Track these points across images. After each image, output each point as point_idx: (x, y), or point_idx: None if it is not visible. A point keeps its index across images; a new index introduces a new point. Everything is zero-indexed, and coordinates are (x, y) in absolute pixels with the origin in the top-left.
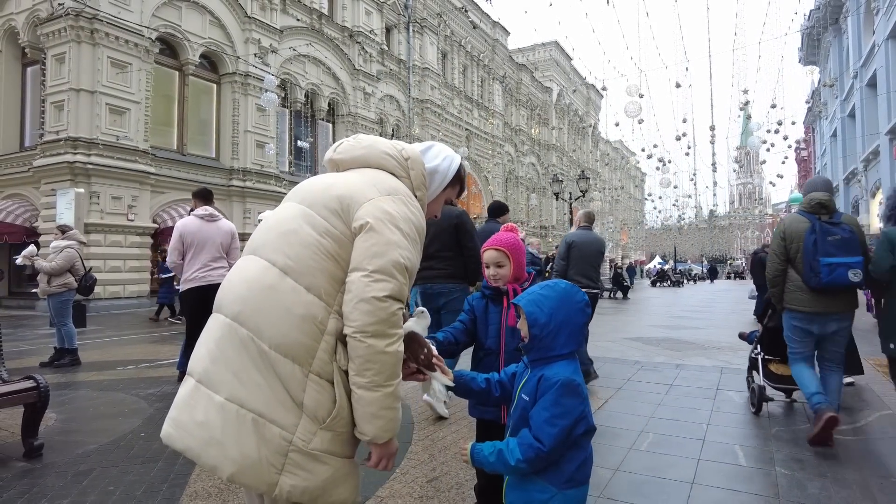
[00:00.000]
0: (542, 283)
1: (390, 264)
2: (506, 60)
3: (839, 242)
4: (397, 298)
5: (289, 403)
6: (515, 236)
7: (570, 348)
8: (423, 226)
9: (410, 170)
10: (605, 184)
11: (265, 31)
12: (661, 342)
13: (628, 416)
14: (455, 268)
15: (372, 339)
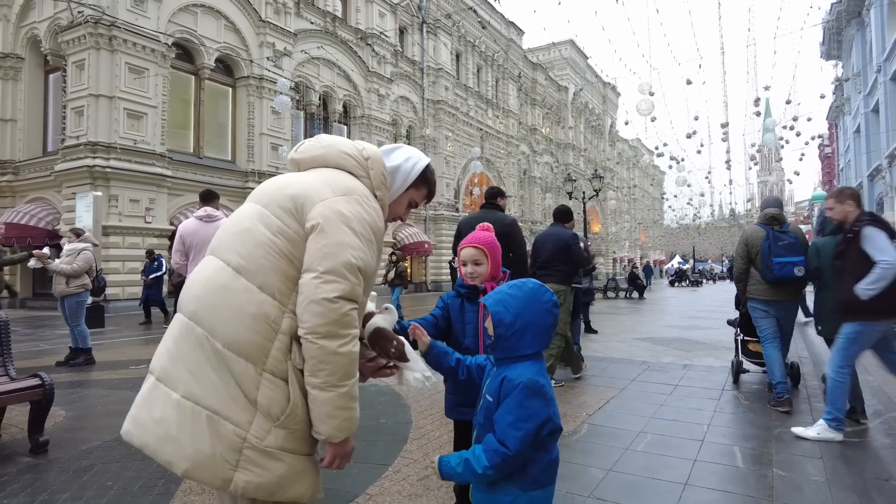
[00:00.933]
0: (511, 283)
1: (341, 265)
2: (520, 60)
3: (787, 246)
4: (349, 299)
5: (243, 401)
6: (493, 235)
7: (535, 349)
8: (379, 226)
9: (370, 169)
10: (623, 182)
11: (279, 34)
12: (671, 342)
13: (629, 416)
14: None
15: (324, 339)
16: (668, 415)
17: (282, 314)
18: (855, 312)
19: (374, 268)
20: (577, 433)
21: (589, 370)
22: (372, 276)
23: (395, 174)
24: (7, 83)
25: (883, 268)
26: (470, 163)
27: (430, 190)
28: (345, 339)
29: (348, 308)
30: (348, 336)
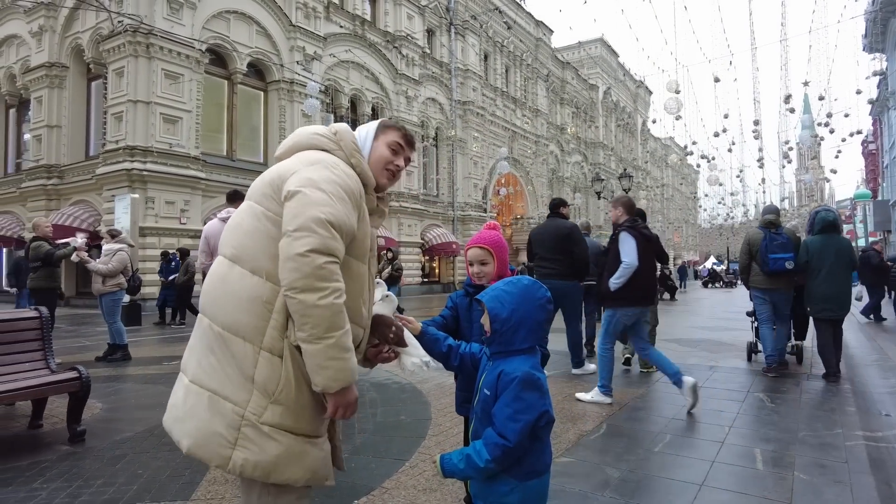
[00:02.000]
0: (507, 280)
1: (310, 220)
2: (549, 59)
3: (780, 245)
4: (322, 252)
5: (241, 380)
6: (499, 234)
7: (530, 343)
8: (352, 187)
9: (340, 141)
10: (655, 181)
11: (309, 38)
12: (698, 344)
13: (649, 417)
14: (564, 267)
15: (301, 294)
16: (689, 416)
17: (275, 294)
18: (607, 300)
19: (350, 224)
20: (596, 433)
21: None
22: (350, 233)
23: (362, 139)
24: (53, 91)
25: (623, 267)
26: (497, 163)
27: (398, 128)
28: (324, 292)
29: (322, 261)
30: (327, 289)
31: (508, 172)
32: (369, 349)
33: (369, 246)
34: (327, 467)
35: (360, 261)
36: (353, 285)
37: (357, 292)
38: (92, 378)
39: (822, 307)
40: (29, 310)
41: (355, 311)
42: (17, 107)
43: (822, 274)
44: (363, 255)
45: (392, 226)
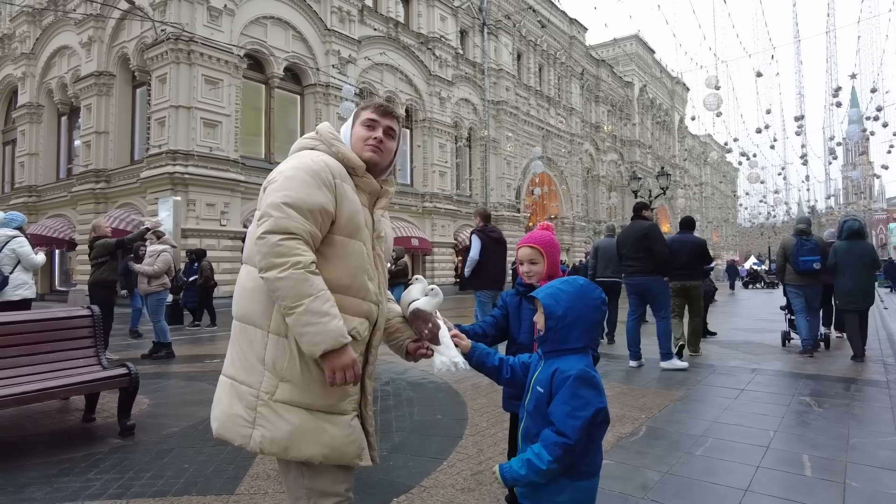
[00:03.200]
0: (562, 279)
1: (267, 206)
2: (583, 57)
3: (809, 249)
4: (276, 231)
5: (255, 363)
6: (551, 234)
7: (584, 343)
8: (318, 168)
9: (321, 135)
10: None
11: (344, 42)
12: (739, 345)
13: (690, 420)
14: (646, 264)
15: (266, 272)
16: (732, 419)
17: None
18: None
19: (315, 202)
20: (635, 435)
21: (651, 373)
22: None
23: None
24: (101, 98)
25: (469, 260)
26: (531, 162)
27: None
28: (282, 267)
29: (277, 238)
30: (286, 263)
31: (542, 172)
32: (410, 343)
33: (361, 223)
34: (355, 445)
35: (353, 238)
36: (349, 262)
37: (356, 268)
38: (141, 374)
39: (848, 300)
40: (82, 308)
41: (357, 287)
42: (68, 115)
43: (847, 273)
44: (354, 232)
45: (426, 226)
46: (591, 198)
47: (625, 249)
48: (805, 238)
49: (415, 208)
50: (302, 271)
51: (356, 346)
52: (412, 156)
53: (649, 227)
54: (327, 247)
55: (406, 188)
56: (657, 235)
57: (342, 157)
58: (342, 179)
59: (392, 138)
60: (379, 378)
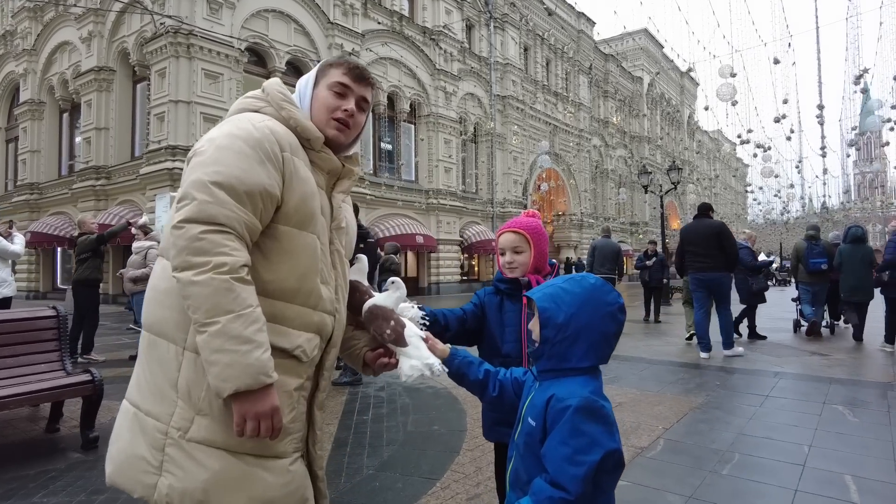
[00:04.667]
0: (567, 276)
1: (191, 186)
2: (592, 51)
3: (818, 253)
4: (198, 220)
5: (165, 388)
6: (538, 222)
7: (591, 362)
8: (261, 138)
9: (268, 94)
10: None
11: (347, 35)
12: (757, 346)
13: (712, 431)
14: (717, 261)
15: (178, 272)
16: (760, 431)
17: None
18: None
19: (256, 182)
20: (652, 450)
21: (665, 375)
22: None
23: (301, 88)
24: (101, 94)
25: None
26: (538, 157)
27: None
28: (200, 268)
29: (198, 230)
30: (206, 264)
31: (549, 167)
32: (368, 353)
33: (314, 210)
34: (296, 497)
35: (304, 229)
36: (297, 260)
37: (306, 268)
38: (122, 377)
39: (851, 294)
40: (47, 308)
41: (307, 293)
42: (69, 111)
43: (851, 272)
44: (306, 221)
45: (430, 223)
46: (599, 193)
47: (694, 246)
48: (814, 242)
49: (419, 205)
50: (226, 277)
51: (301, 370)
52: (417, 151)
53: (722, 226)
54: (269, 239)
55: (410, 184)
56: (729, 234)
57: (295, 124)
58: (293, 153)
59: (363, 111)
60: (373, 383)
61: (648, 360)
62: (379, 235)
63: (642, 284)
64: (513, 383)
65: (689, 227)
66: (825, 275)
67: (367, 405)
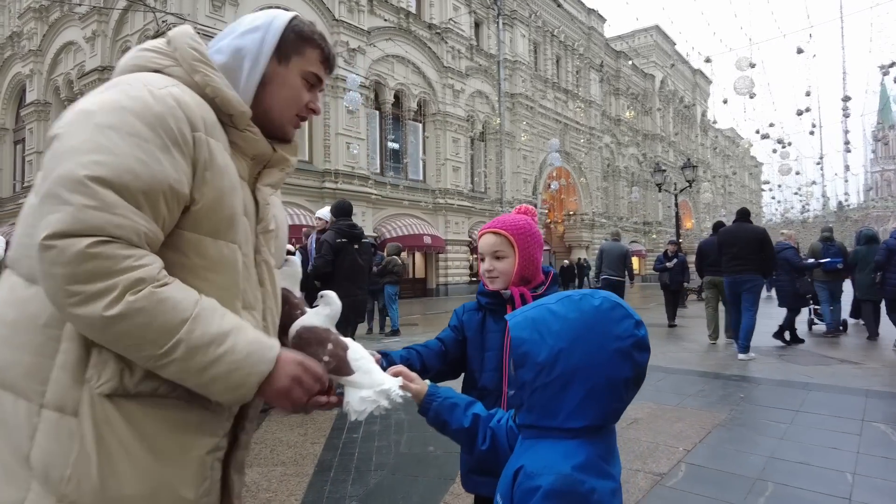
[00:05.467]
0: (563, 294)
1: (57, 184)
2: (603, 48)
3: (833, 253)
4: (76, 232)
5: (10, 465)
6: (528, 220)
7: (585, 421)
8: (162, 112)
9: (175, 50)
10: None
11: (353, 32)
12: (780, 353)
13: (739, 454)
14: (756, 264)
15: (74, 309)
16: (793, 454)
17: None
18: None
19: (157, 176)
20: (673, 477)
21: (685, 386)
22: (152, 191)
23: (248, 48)
24: None
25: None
26: (548, 156)
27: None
28: (107, 297)
29: (82, 246)
30: (113, 289)
31: (560, 166)
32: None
33: (236, 212)
34: None
35: (221, 237)
36: (212, 280)
37: (223, 291)
38: None
39: (866, 292)
40: None
41: None
42: None
43: (865, 271)
44: (224, 227)
45: (439, 223)
46: (611, 192)
47: (735, 249)
48: (829, 243)
49: (426, 204)
50: (148, 291)
51: (217, 425)
52: (424, 150)
53: (765, 233)
54: (172, 252)
55: (417, 184)
56: (770, 241)
57: (213, 93)
58: (208, 132)
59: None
60: None
61: (665, 368)
62: (385, 236)
63: (662, 287)
64: (508, 433)
65: (729, 230)
66: (839, 273)
67: (357, 421)
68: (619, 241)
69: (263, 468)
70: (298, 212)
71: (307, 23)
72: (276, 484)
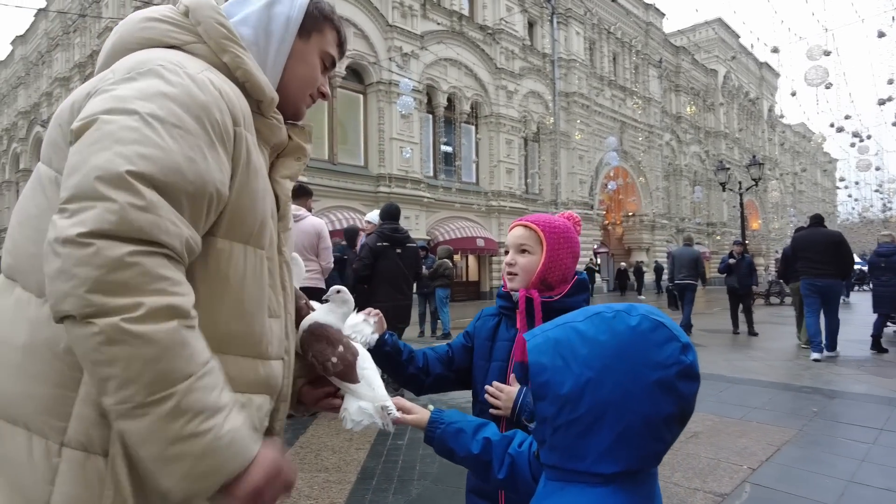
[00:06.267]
0: (591, 310)
1: (94, 176)
2: (661, 44)
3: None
4: (118, 235)
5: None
6: (567, 223)
7: (619, 466)
8: (209, 103)
9: (197, 24)
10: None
11: (406, 37)
12: (860, 363)
13: (814, 476)
14: (833, 268)
15: (83, 321)
16: (877, 479)
17: None
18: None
19: (204, 175)
20: (737, 498)
21: (751, 398)
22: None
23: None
24: None
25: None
26: (606, 155)
27: (335, 24)
28: (128, 313)
29: (123, 252)
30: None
31: (618, 165)
32: (306, 389)
33: (267, 215)
34: None
35: (253, 244)
36: (242, 291)
37: (254, 303)
38: None
39: None
40: None
41: (254, 338)
42: None
43: None
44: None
45: (492, 226)
46: (672, 192)
47: (811, 253)
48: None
49: (479, 207)
50: (175, 326)
51: None
52: (477, 152)
53: (842, 236)
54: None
55: (470, 186)
56: (847, 244)
57: (244, 77)
58: (247, 128)
59: None
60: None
61: (729, 378)
62: (438, 239)
63: (728, 291)
64: (532, 461)
65: (804, 235)
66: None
67: (404, 427)
68: (691, 245)
69: (307, 474)
70: (353, 216)
71: (326, 2)
72: (317, 491)
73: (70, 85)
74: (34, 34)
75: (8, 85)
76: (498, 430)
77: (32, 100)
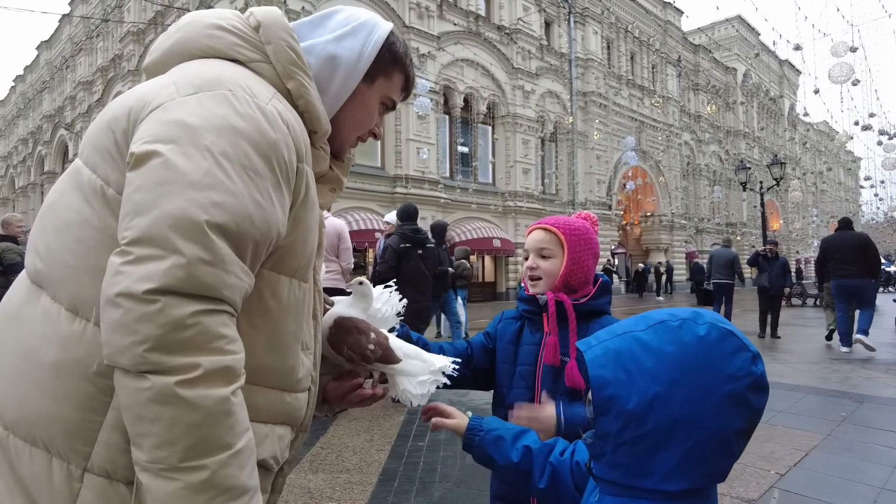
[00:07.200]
0: (652, 318)
1: (165, 225)
2: (680, 42)
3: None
4: (186, 292)
5: None
6: (586, 224)
7: (686, 483)
8: (275, 140)
9: (266, 43)
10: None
11: (423, 38)
12: (889, 366)
13: (843, 482)
14: (862, 269)
15: (135, 377)
16: None
17: None
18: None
19: (271, 221)
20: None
21: (780, 402)
22: (262, 241)
23: (332, 60)
24: None
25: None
26: (624, 155)
27: (407, 74)
28: (184, 374)
29: (187, 312)
30: (195, 368)
31: (636, 165)
32: (331, 383)
33: (315, 246)
34: None
35: (297, 277)
36: (281, 324)
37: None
38: None
39: None
40: None
41: (287, 370)
42: None
43: None
44: (305, 267)
45: (508, 226)
46: (691, 192)
47: (839, 255)
48: None
49: (495, 208)
50: (226, 395)
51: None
52: (493, 152)
53: (868, 238)
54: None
55: (487, 187)
56: (874, 245)
57: (305, 107)
58: (307, 162)
59: None
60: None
61: None
62: (455, 240)
63: (760, 292)
64: (574, 470)
65: (833, 238)
66: None
67: (425, 428)
68: (729, 246)
69: (328, 474)
70: (370, 216)
71: (402, 41)
72: (339, 492)
73: (93, 88)
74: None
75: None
76: (538, 438)
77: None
